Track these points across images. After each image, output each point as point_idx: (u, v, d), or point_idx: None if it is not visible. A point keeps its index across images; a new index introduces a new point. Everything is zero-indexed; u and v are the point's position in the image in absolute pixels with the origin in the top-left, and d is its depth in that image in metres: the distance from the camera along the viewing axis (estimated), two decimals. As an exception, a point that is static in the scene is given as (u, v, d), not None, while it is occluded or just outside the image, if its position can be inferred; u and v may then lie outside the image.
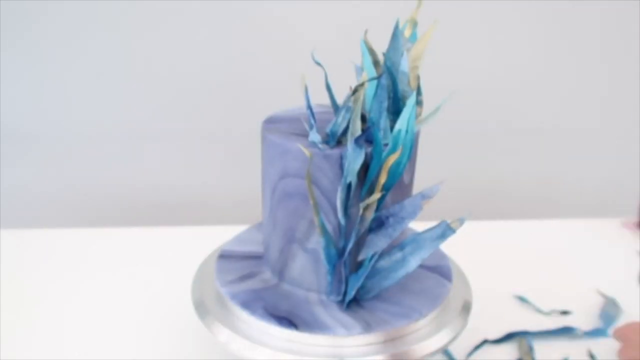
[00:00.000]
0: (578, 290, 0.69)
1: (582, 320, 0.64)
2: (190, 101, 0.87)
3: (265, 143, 0.46)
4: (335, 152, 0.43)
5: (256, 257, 0.55)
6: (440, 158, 0.92)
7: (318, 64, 0.45)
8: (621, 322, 0.64)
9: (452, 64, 0.87)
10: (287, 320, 0.44)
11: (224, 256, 0.55)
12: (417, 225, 0.58)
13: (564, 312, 0.65)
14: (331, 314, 0.46)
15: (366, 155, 0.42)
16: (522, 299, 0.67)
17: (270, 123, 0.48)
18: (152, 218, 0.90)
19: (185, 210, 0.93)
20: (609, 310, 0.65)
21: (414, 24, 0.45)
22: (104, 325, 0.61)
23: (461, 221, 0.43)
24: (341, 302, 0.47)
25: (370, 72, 0.44)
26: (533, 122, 0.95)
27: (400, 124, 0.41)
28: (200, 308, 0.50)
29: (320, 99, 0.56)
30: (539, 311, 0.65)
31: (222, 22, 0.83)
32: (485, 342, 0.60)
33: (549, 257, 0.77)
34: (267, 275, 0.50)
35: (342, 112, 0.43)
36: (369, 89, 0.45)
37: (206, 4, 0.81)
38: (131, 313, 0.63)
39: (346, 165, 0.42)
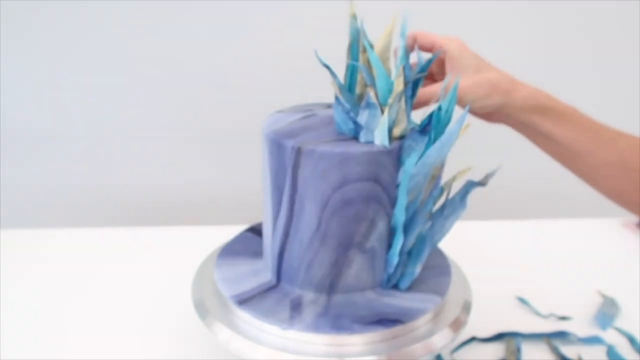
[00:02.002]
0: (578, 291, 0.69)
1: (580, 323, 0.64)
2: (190, 102, 0.87)
3: (311, 159, 0.43)
4: (395, 146, 0.44)
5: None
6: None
7: (326, 66, 0.45)
8: (619, 321, 0.64)
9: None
10: (387, 321, 0.45)
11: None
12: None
13: (563, 318, 0.64)
14: (405, 297, 0.48)
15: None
16: (522, 301, 0.67)
17: (288, 138, 0.45)
18: (152, 218, 0.90)
19: (185, 210, 0.93)
20: (607, 310, 0.65)
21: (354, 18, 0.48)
22: (104, 324, 0.61)
23: (487, 177, 0.47)
24: (396, 286, 0.49)
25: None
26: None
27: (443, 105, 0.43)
28: (200, 308, 0.50)
29: (313, 98, 0.56)
30: (538, 314, 0.65)
31: (221, 23, 0.83)
32: (473, 339, 0.60)
33: (549, 257, 0.77)
34: (310, 296, 0.48)
35: (394, 108, 0.43)
36: (380, 81, 0.45)
37: (206, 6, 0.81)
38: (131, 313, 0.63)
39: (407, 156, 0.43)
